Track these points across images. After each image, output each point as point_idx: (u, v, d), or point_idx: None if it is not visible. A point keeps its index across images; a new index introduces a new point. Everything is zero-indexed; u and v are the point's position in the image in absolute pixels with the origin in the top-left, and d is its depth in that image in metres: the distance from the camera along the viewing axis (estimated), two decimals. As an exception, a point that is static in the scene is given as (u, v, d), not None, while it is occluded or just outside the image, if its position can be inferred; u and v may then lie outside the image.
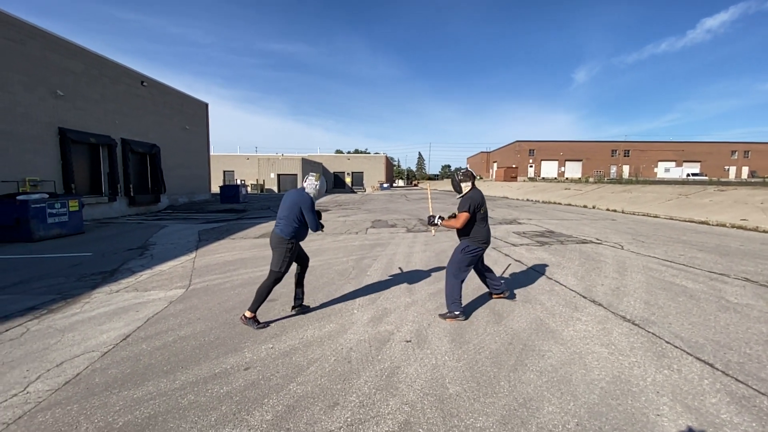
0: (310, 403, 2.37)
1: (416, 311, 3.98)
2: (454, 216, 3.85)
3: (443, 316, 3.75)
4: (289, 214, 3.54)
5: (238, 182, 36.65)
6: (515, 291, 4.58)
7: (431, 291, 4.66)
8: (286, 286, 4.89)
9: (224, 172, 50.80)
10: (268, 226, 10.83)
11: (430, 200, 5.79)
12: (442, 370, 2.77)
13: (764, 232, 9.51)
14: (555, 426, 2.15)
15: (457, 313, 3.68)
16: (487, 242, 3.86)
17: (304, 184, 3.72)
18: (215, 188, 29.70)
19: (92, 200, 13.19)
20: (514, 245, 7.71)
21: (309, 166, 45.68)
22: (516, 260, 6.31)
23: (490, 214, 14.26)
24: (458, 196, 3.88)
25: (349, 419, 2.22)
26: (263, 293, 3.53)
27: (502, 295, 4.26)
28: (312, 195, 3.65)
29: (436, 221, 3.95)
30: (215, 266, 6.08)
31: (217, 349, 3.15)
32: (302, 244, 3.81)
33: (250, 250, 7.34)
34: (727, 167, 58.31)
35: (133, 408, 2.34)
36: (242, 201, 22.46)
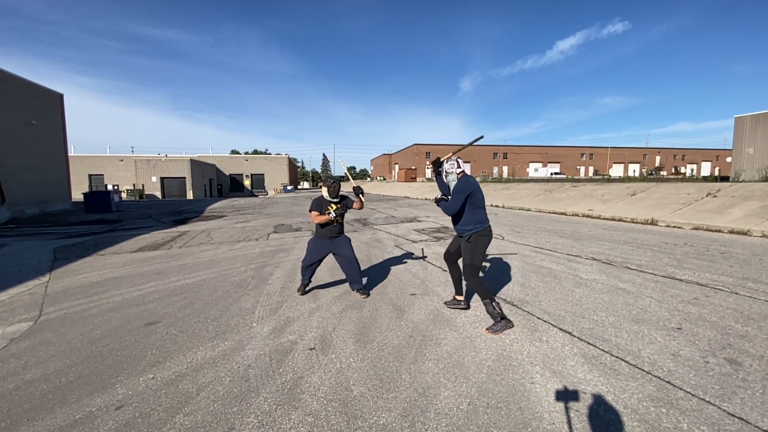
0: (200, 434, 2.13)
1: (321, 316, 3.90)
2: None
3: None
4: None
5: (110, 188, 31.22)
6: (415, 285, 4.84)
7: (336, 294, 4.63)
8: (170, 306, 4.35)
9: (90, 176, 43.11)
10: (149, 238, 9.48)
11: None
12: (347, 373, 2.76)
13: (605, 219, 11.82)
14: (450, 409, 2.31)
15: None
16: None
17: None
18: (79, 195, 24.96)
19: None
20: (414, 242, 8.14)
21: (199, 167, 41.51)
22: (418, 257, 6.67)
23: (393, 213, 14.91)
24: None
25: (246, 443, 2.05)
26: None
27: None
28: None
29: None
30: (77, 290, 5.08)
31: (78, 390, 2.62)
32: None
33: (125, 267, 6.32)
34: (578, 167, 71.10)
35: (-53, 487, 1.79)
36: (115, 210, 19.22)
